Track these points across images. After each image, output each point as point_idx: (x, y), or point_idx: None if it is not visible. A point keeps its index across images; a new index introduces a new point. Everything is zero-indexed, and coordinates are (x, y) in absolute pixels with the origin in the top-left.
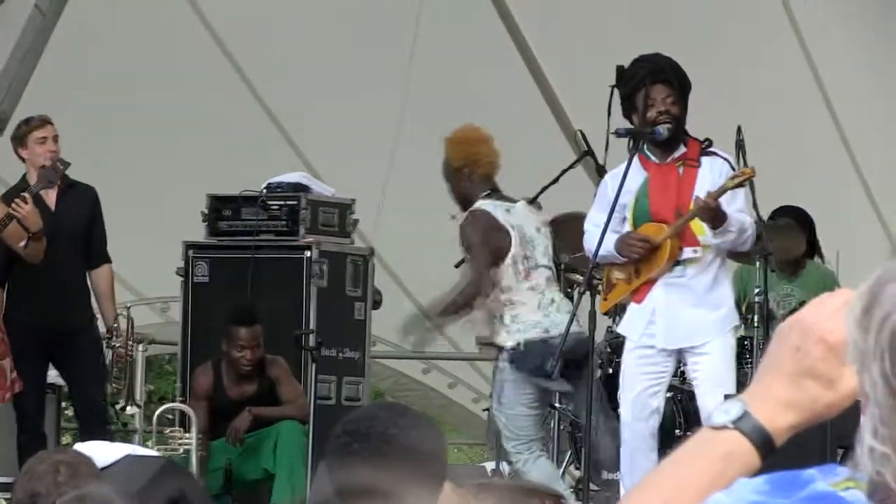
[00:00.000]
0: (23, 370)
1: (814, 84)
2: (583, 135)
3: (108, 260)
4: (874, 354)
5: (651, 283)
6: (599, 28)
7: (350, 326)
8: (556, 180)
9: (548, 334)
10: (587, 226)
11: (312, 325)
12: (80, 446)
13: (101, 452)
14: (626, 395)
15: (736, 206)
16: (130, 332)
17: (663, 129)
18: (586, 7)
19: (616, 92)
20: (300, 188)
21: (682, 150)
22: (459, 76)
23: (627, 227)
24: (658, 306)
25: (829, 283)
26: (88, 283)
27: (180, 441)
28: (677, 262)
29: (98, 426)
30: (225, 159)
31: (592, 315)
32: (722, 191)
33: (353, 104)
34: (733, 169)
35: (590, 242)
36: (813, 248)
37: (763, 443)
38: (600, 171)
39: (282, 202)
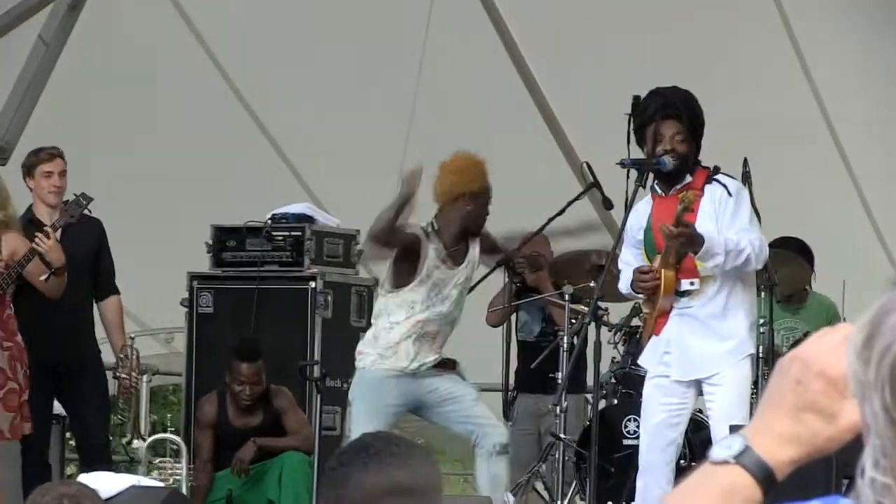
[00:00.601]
0: (28, 401)
1: (818, 113)
2: (589, 167)
3: (116, 291)
4: (875, 386)
5: (666, 314)
6: (605, 61)
7: (354, 357)
8: (561, 212)
9: None
10: (620, 264)
11: (317, 356)
12: (84, 477)
13: (106, 483)
14: (644, 425)
15: (738, 225)
16: (136, 363)
17: (668, 161)
18: (592, 40)
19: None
20: (305, 219)
21: (688, 180)
22: (464, 108)
23: (642, 262)
24: (672, 337)
25: (831, 314)
26: (94, 315)
27: (170, 472)
28: (681, 293)
29: (99, 460)
30: (230, 190)
31: (598, 345)
32: (676, 220)
33: (358, 135)
34: (730, 195)
35: (620, 280)
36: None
37: (765, 477)
38: (606, 204)
39: (286, 233)
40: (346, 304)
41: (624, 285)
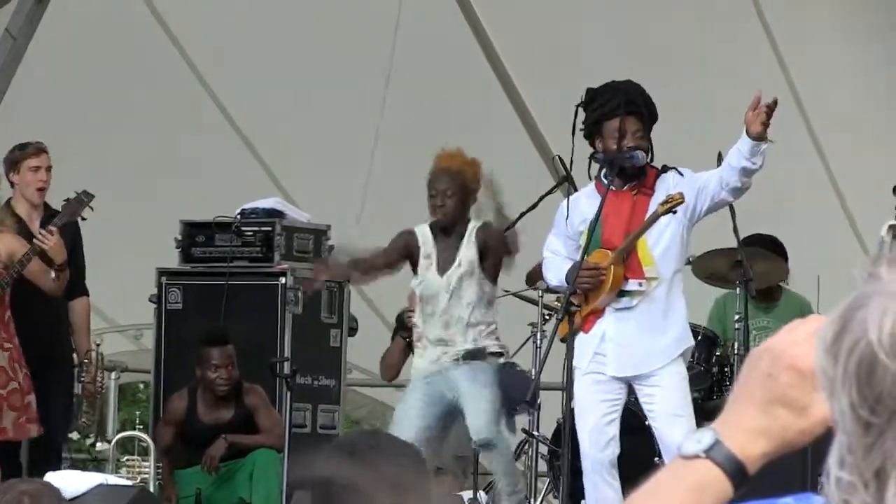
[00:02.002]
0: None
1: (795, 108)
2: (561, 160)
3: (85, 293)
4: (843, 382)
5: (599, 312)
6: (578, 53)
7: (325, 354)
8: (534, 206)
9: None
10: (545, 252)
11: (287, 353)
12: (50, 476)
13: (73, 482)
14: (583, 425)
15: (705, 174)
16: (100, 367)
17: (640, 155)
18: (565, 32)
19: (580, 112)
20: (275, 214)
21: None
22: (436, 102)
23: (576, 254)
24: (607, 334)
25: (805, 312)
26: (64, 315)
27: (138, 470)
28: (623, 293)
29: (52, 461)
30: (199, 185)
31: (570, 342)
32: (653, 219)
33: (328, 130)
34: (681, 174)
35: (547, 269)
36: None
37: (735, 471)
38: None
39: (256, 228)
40: (317, 300)
41: (555, 276)
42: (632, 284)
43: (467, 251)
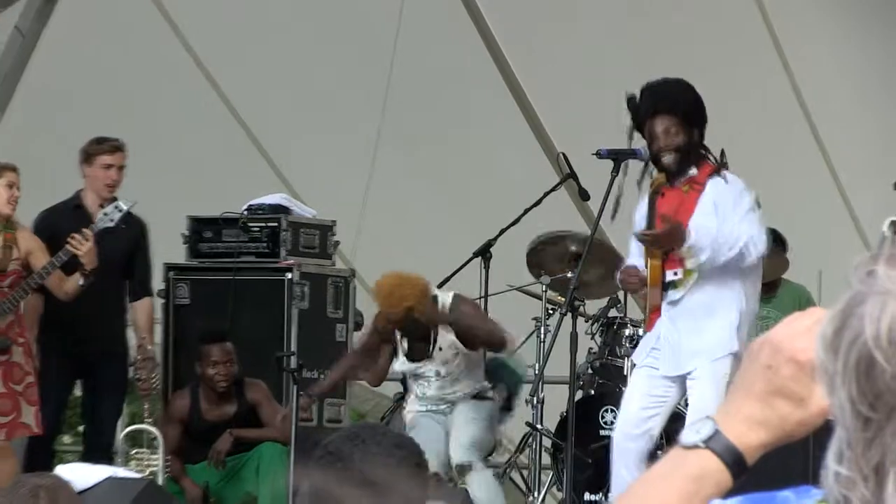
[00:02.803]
0: (46, 390)
1: (796, 104)
2: (565, 157)
3: (148, 293)
4: (842, 378)
5: (658, 310)
6: (582, 51)
7: (331, 348)
8: (538, 203)
9: None
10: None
11: (294, 347)
12: (60, 469)
13: (82, 475)
14: (622, 411)
15: (736, 217)
16: (155, 364)
17: (644, 151)
18: (569, 30)
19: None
20: (281, 210)
21: (693, 173)
22: (440, 99)
23: (641, 255)
24: (661, 333)
25: (804, 301)
26: (124, 313)
27: (147, 463)
28: (666, 285)
29: (102, 459)
30: (206, 181)
31: (574, 336)
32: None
33: (334, 126)
34: (725, 183)
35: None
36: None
37: (734, 462)
38: (582, 195)
39: (262, 224)
40: (323, 295)
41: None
42: (668, 275)
43: (444, 338)
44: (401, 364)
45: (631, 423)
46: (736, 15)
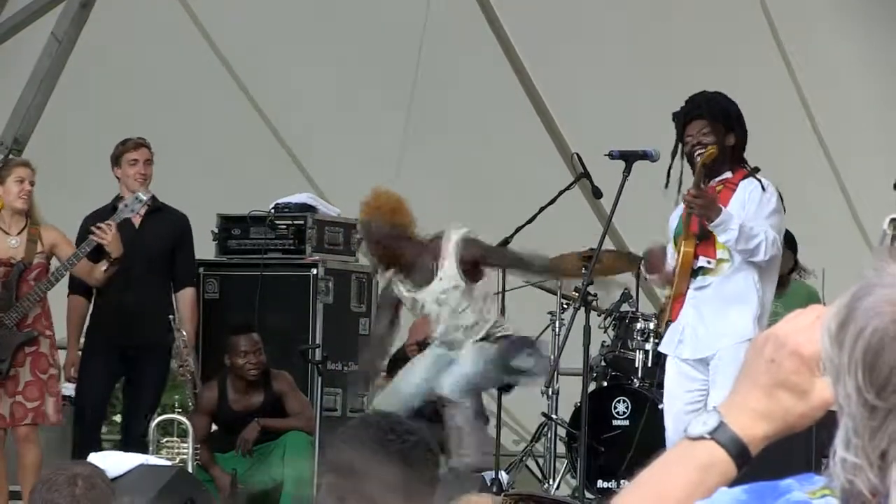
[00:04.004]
0: (91, 384)
1: (797, 101)
2: (579, 157)
3: (191, 284)
4: (848, 368)
5: (682, 297)
6: (596, 55)
7: (354, 341)
8: (553, 201)
9: None
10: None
11: (318, 340)
12: (94, 457)
13: (116, 462)
14: (667, 410)
15: (760, 216)
16: (190, 353)
17: (655, 152)
18: (584, 34)
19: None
20: (307, 208)
21: (727, 175)
22: (460, 103)
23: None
24: (687, 321)
25: (813, 300)
26: (167, 303)
27: (177, 451)
28: (696, 272)
29: (134, 445)
30: (235, 181)
31: (587, 330)
32: (698, 177)
33: (359, 127)
34: (763, 189)
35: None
36: (796, 265)
37: (739, 453)
38: (596, 193)
39: (289, 222)
40: (347, 291)
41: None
42: (701, 261)
43: (445, 270)
44: (406, 294)
45: (677, 421)
46: (744, 21)
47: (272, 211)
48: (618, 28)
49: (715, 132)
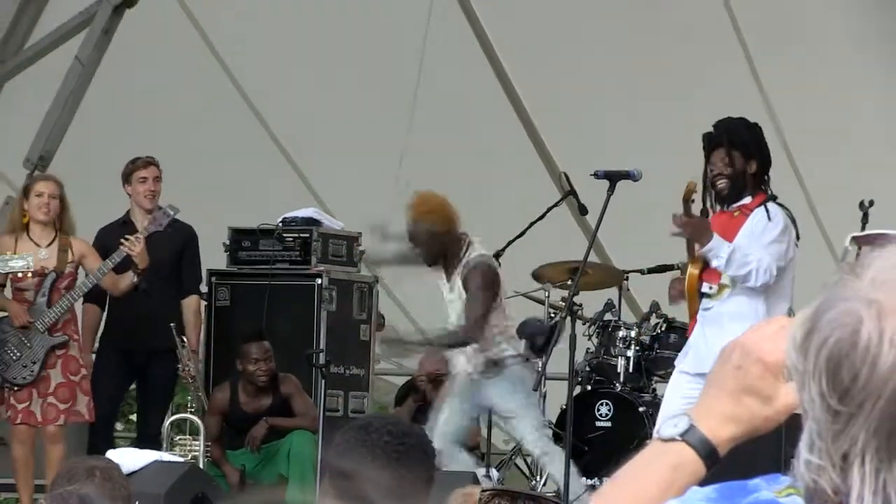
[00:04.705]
0: (104, 385)
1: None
2: (566, 176)
3: (196, 292)
4: (813, 375)
5: (695, 318)
6: (582, 82)
7: (356, 346)
8: (541, 217)
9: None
10: None
11: (322, 345)
12: (111, 453)
13: (131, 458)
14: (661, 413)
15: (758, 243)
16: (194, 358)
17: (637, 172)
18: (574, 58)
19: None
20: (312, 222)
21: (746, 200)
22: (456, 125)
23: None
24: (694, 338)
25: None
26: (174, 311)
27: (189, 448)
28: (702, 294)
29: (149, 443)
30: (245, 196)
31: (573, 337)
32: (685, 206)
33: (361, 147)
34: (769, 219)
35: None
36: None
37: (708, 454)
38: (582, 210)
39: (296, 235)
40: (349, 299)
41: None
42: (704, 287)
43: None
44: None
45: None
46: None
47: (280, 224)
48: (605, 54)
49: (733, 160)
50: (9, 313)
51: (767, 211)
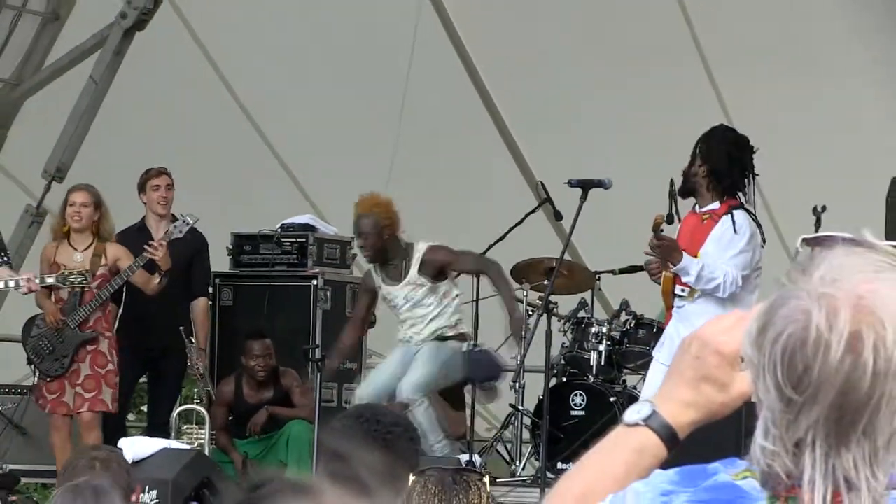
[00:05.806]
0: (119, 378)
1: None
2: (542, 185)
3: (204, 294)
4: (768, 368)
5: (671, 311)
6: (559, 98)
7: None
8: (520, 222)
9: None
10: None
11: (318, 341)
12: (123, 442)
13: (142, 446)
14: (642, 398)
15: (725, 255)
16: (201, 356)
17: (608, 181)
18: (549, 75)
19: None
20: (308, 228)
21: (714, 206)
22: (440, 137)
23: None
24: (669, 328)
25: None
26: (183, 311)
27: (196, 437)
28: (675, 295)
29: (159, 432)
30: (247, 204)
31: (549, 333)
32: (655, 229)
33: (353, 157)
34: (735, 231)
35: None
36: None
37: (669, 437)
38: (557, 216)
39: (293, 239)
40: (343, 299)
41: None
42: (678, 289)
43: (412, 271)
44: (380, 285)
45: None
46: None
47: (279, 230)
48: (577, 72)
49: (693, 161)
50: (44, 311)
51: (734, 220)
